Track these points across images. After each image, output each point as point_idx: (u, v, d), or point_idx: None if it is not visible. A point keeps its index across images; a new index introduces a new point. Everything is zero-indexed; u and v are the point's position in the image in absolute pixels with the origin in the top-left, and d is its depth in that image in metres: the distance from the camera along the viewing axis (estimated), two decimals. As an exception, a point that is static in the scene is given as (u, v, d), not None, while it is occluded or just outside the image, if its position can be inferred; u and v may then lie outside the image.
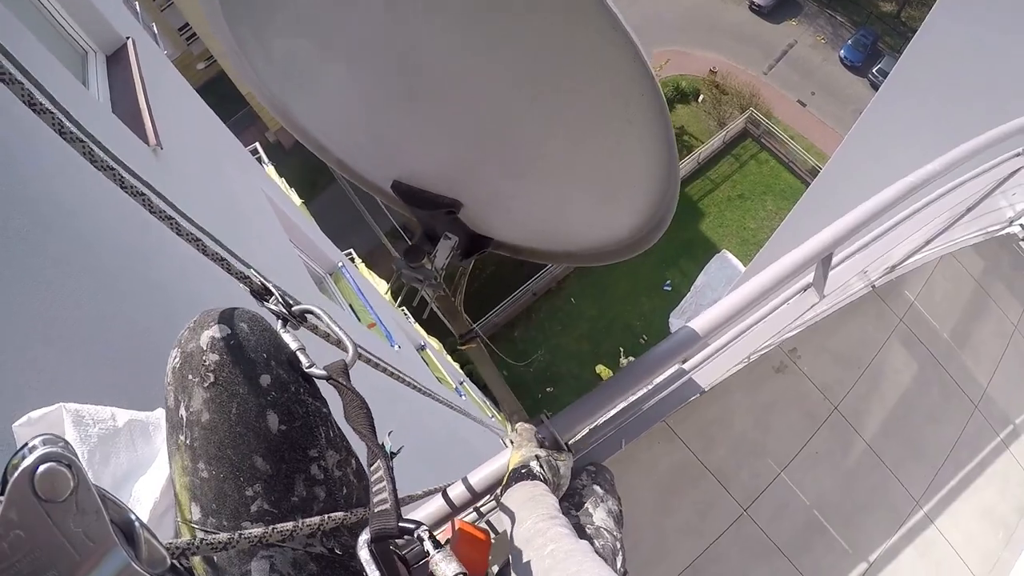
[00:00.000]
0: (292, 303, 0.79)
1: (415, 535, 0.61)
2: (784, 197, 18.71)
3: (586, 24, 0.65)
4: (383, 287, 14.14)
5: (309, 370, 0.74)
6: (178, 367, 0.69)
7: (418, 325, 16.66)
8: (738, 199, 19.50)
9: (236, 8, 0.83)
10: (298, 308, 0.79)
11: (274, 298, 0.79)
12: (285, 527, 0.62)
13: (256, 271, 0.79)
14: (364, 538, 0.60)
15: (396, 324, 10.33)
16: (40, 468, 0.41)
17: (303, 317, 0.79)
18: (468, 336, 1.36)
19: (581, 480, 1.33)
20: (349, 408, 0.71)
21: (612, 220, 1.02)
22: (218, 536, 0.59)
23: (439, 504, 1.27)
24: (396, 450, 0.87)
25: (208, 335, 0.68)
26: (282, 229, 5.29)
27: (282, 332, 0.77)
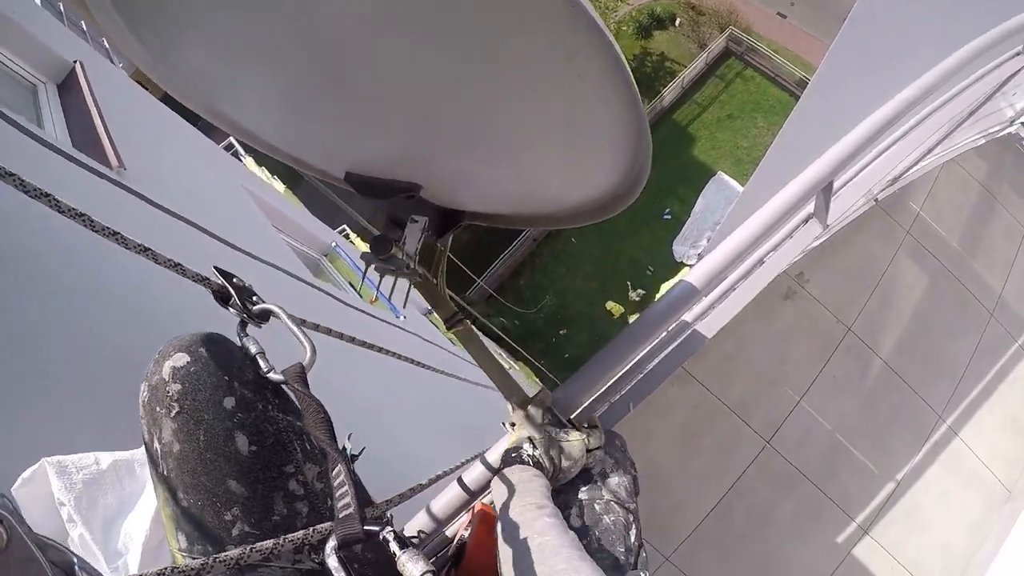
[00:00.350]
0: (253, 303, 0.76)
1: (380, 536, 0.61)
2: (774, 112, 18.26)
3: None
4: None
5: (267, 375, 0.72)
6: (146, 400, 0.69)
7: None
8: (727, 119, 19.07)
9: (142, 24, 0.76)
10: (258, 308, 0.76)
11: (233, 300, 0.75)
12: (264, 546, 0.59)
13: (218, 270, 0.76)
14: (331, 545, 0.60)
15: (400, 290, 10.22)
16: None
17: (265, 317, 0.76)
18: (454, 320, 1.25)
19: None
20: (306, 413, 0.69)
21: (587, 179, 0.96)
22: (191, 562, 0.56)
23: (457, 491, 1.24)
24: (357, 452, 0.86)
25: (169, 365, 0.68)
26: (267, 221, 5.17)
27: (243, 336, 0.76)
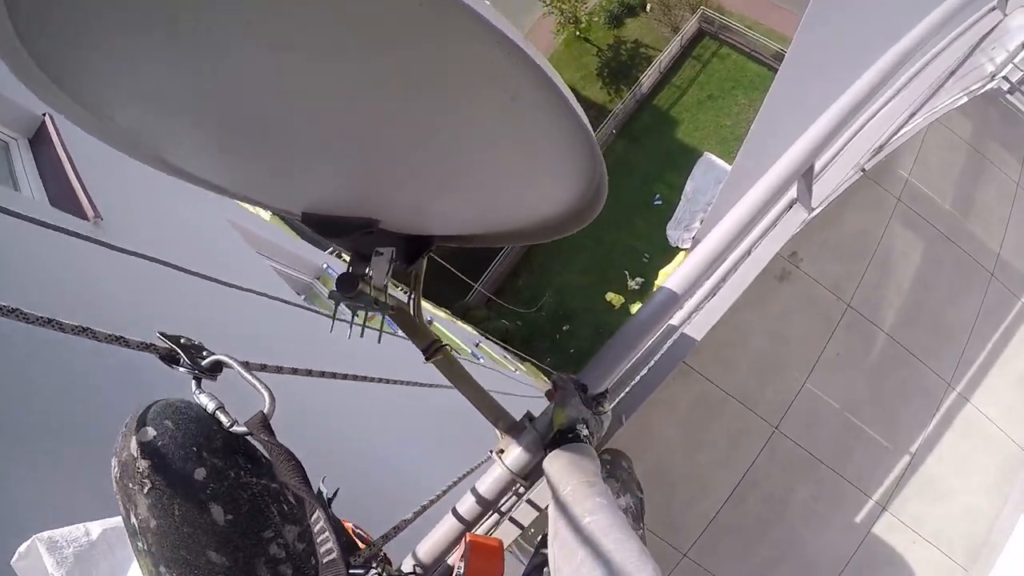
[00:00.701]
0: (203, 358, 0.75)
1: None
2: (754, 87, 18.20)
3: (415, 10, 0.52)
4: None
5: (231, 429, 0.71)
6: (118, 477, 0.67)
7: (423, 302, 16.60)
8: (708, 100, 19.02)
9: (70, 82, 0.73)
10: (208, 362, 0.75)
11: (183, 360, 0.74)
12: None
13: (162, 335, 0.74)
14: None
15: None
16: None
17: (217, 368, 0.76)
18: (432, 349, 1.18)
19: None
20: (275, 461, 0.69)
21: (546, 199, 0.93)
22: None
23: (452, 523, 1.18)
24: (332, 495, 0.85)
25: (136, 440, 0.66)
26: (253, 252, 5.10)
27: (198, 394, 0.73)
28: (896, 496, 2.53)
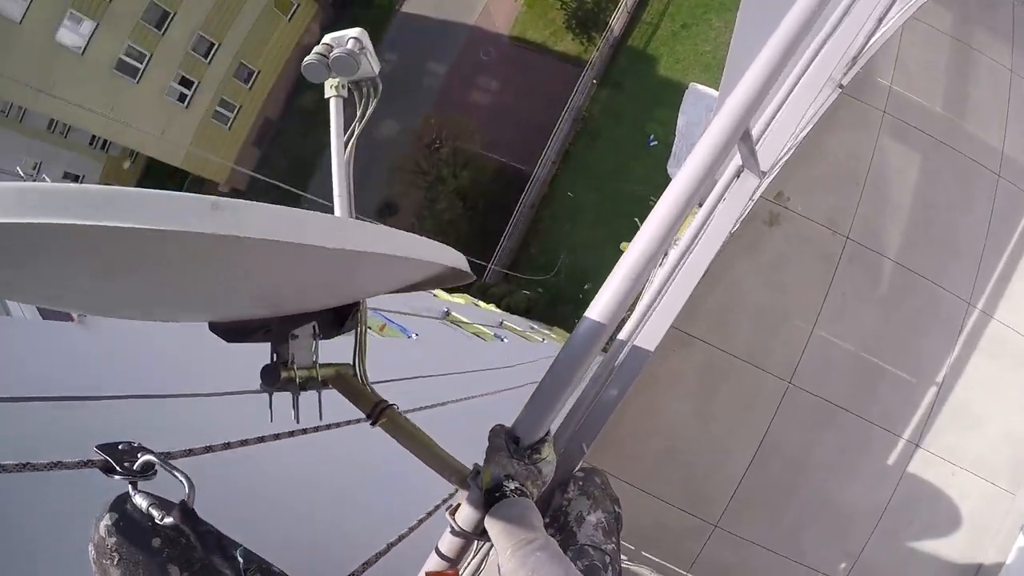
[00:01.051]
0: (134, 460, 0.85)
1: None
2: (726, 8, 17.60)
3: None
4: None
5: (160, 522, 0.81)
6: (95, 557, 0.79)
7: (438, 291, 16.66)
8: (682, 30, 18.51)
9: None
10: (139, 464, 0.85)
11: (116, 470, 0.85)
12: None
13: (98, 447, 0.85)
14: None
15: (412, 306, 10.21)
16: None
17: (149, 468, 0.86)
18: (377, 411, 1.10)
19: (568, 494, 1.21)
20: (200, 542, 0.82)
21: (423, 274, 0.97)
22: None
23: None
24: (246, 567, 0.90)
25: (104, 524, 0.79)
26: None
27: (134, 495, 0.83)
28: (928, 430, 2.35)
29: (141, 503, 0.83)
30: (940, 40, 2.41)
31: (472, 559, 1.45)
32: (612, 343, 1.28)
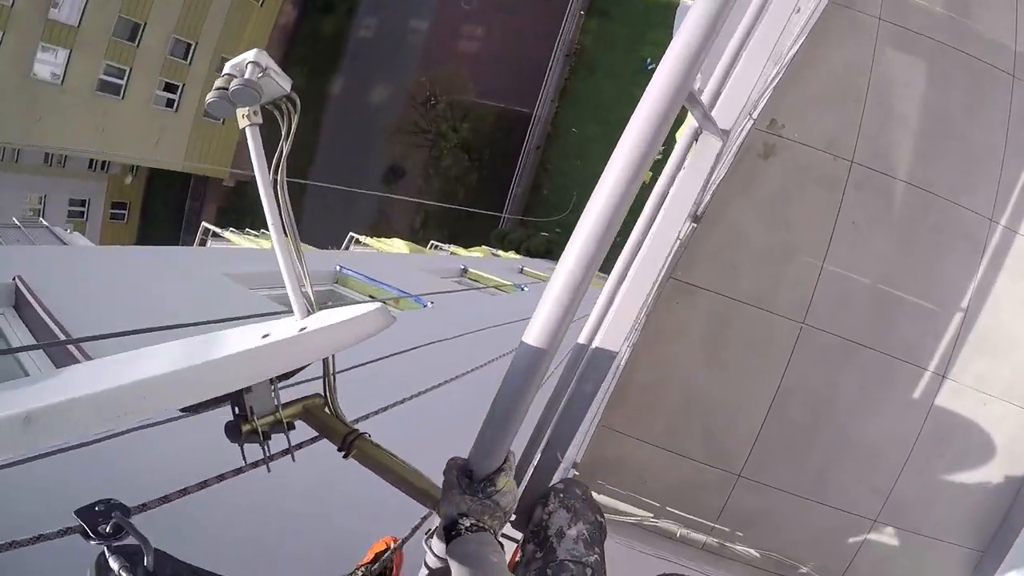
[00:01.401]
0: (108, 520, 0.84)
1: None
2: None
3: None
4: (397, 246, 14.01)
5: None
6: None
7: (455, 248, 16.64)
8: (663, -51, 17.69)
9: None
10: (110, 527, 0.84)
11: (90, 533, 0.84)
12: None
13: (77, 513, 0.83)
14: None
15: (429, 269, 10.18)
16: None
17: (118, 529, 0.85)
18: (348, 441, 1.12)
19: (548, 507, 1.20)
20: None
21: None
22: None
23: None
24: None
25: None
26: (256, 297, 5.05)
27: (110, 558, 0.82)
28: (955, 360, 2.21)
29: (114, 566, 0.84)
30: (937, -74, 2.13)
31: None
32: (572, 349, 1.18)
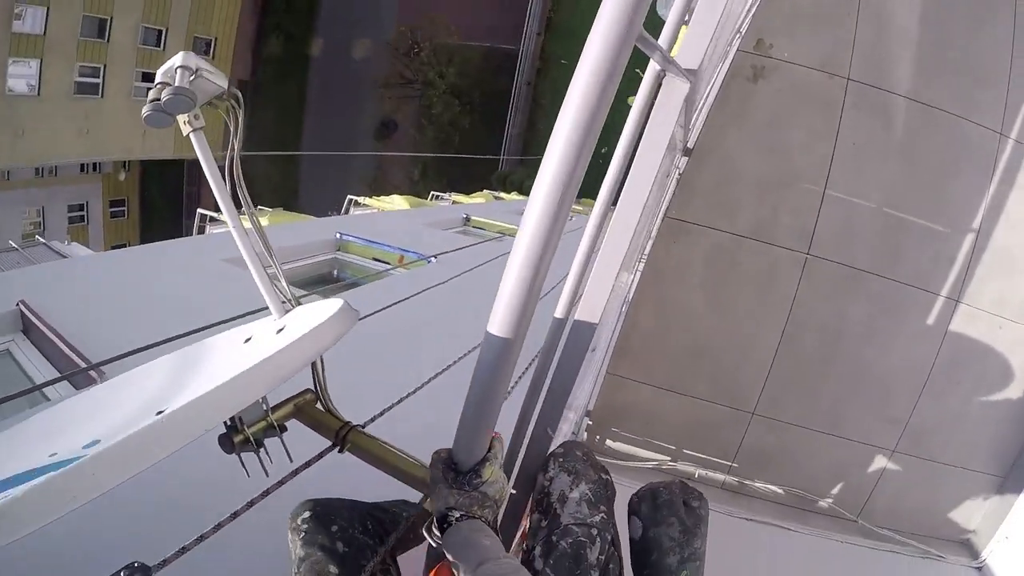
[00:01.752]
0: None
1: None
2: None
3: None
4: (397, 203, 13.87)
5: None
6: None
7: (457, 196, 16.48)
8: None
9: None
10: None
11: None
12: None
13: None
14: None
15: (430, 223, 10.11)
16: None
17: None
18: (342, 435, 1.14)
19: (548, 473, 1.20)
20: None
21: None
22: None
23: None
24: None
25: None
26: (260, 278, 5.06)
27: None
28: (968, 283, 2.12)
29: None
30: None
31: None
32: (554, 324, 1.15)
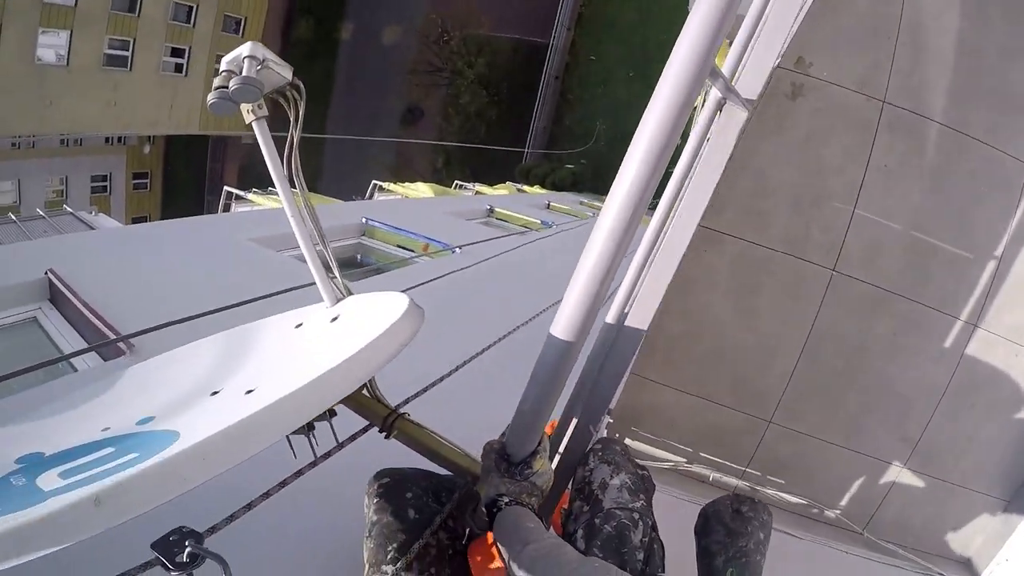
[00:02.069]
0: (183, 548, 0.82)
1: None
2: None
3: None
4: (421, 190, 13.94)
5: None
6: None
7: (480, 187, 16.52)
8: None
9: None
10: (186, 556, 0.82)
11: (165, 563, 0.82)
12: None
13: (152, 546, 0.81)
14: None
15: (455, 212, 10.17)
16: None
17: (194, 558, 0.84)
18: (390, 421, 1.17)
19: (588, 465, 1.24)
20: None
21: None
22: None
23: None
24: None
25: None
26: (282, 259, 5.16)
27: None
28: (987, 309, 2.17)
29: None
30: None
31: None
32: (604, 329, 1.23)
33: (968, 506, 2.28)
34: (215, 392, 0.98)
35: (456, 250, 7.56)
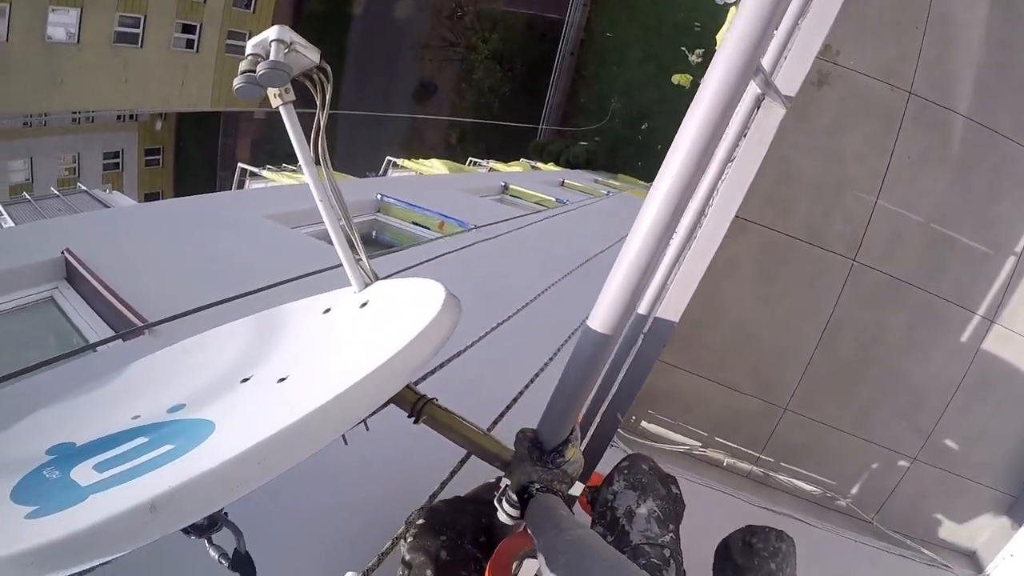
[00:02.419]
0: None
1: None
2: None
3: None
4: (435, 167, 13.86)
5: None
6: None
7: (494, 164, 16.39)
8: None
9: None
10: (205, 521, 0.83)
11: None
12: None
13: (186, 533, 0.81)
14: None
15: (470, 189, 10.12)
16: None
17: (214, 522, 0.86)
18: (418, 407, 1.13)
19: (612, 487, 1.18)
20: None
21: None
22: None
23: None
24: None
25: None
26: (298, 236, 5.15)
27: (210, 549, 0.85)
28: (1005, 305, 2.18)
29: (214, 555, 0.90)
30: None
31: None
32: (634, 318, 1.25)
33: (976, 500, 2.32)
34: (245, 379, 0.96)
35: (472, 227, 7.53)
